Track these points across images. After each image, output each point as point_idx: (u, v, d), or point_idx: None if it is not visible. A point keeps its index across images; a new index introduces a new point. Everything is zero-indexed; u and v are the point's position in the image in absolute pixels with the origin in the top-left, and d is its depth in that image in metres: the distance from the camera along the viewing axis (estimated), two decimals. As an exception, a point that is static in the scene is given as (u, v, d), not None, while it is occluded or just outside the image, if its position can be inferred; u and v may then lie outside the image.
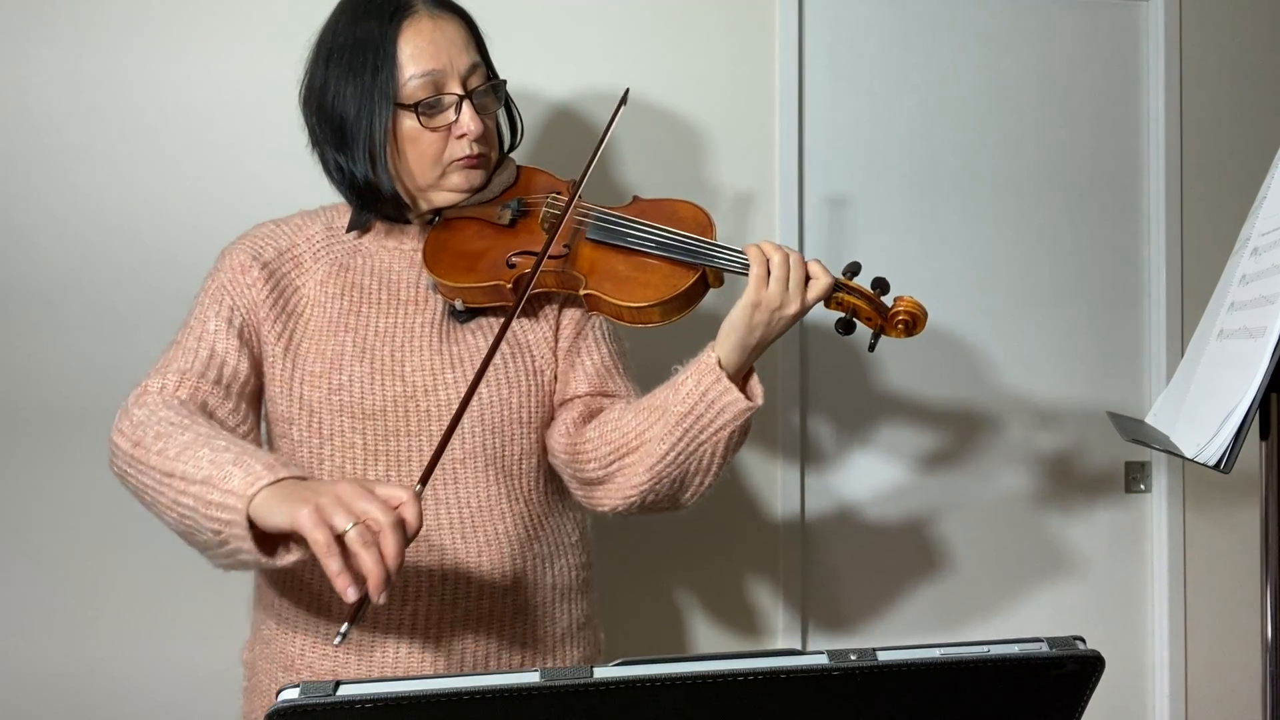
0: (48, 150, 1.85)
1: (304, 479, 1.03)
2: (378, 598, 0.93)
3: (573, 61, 2.03)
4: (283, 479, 1.01)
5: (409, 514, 0.97)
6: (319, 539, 0.93)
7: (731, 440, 1.24)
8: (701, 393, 1.21)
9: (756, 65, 2.13)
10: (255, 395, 1.29)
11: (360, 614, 0.95)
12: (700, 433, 1.22)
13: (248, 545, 1.00)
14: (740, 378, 1.24)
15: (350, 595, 0.93)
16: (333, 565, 0.93)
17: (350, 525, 0.93)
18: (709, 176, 2.11)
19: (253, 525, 1.00)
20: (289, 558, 1.02)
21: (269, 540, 1.02)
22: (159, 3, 1.88)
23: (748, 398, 1.22)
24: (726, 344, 1.22)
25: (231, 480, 1.01)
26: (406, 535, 0.96)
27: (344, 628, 0.94)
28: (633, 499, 1.28)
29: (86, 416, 1.85)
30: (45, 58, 1.85)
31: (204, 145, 1.90)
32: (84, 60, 1.86)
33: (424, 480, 1.06)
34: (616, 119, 1.34)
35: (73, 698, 1.86)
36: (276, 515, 0.97)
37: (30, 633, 1.85)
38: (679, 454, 1.23)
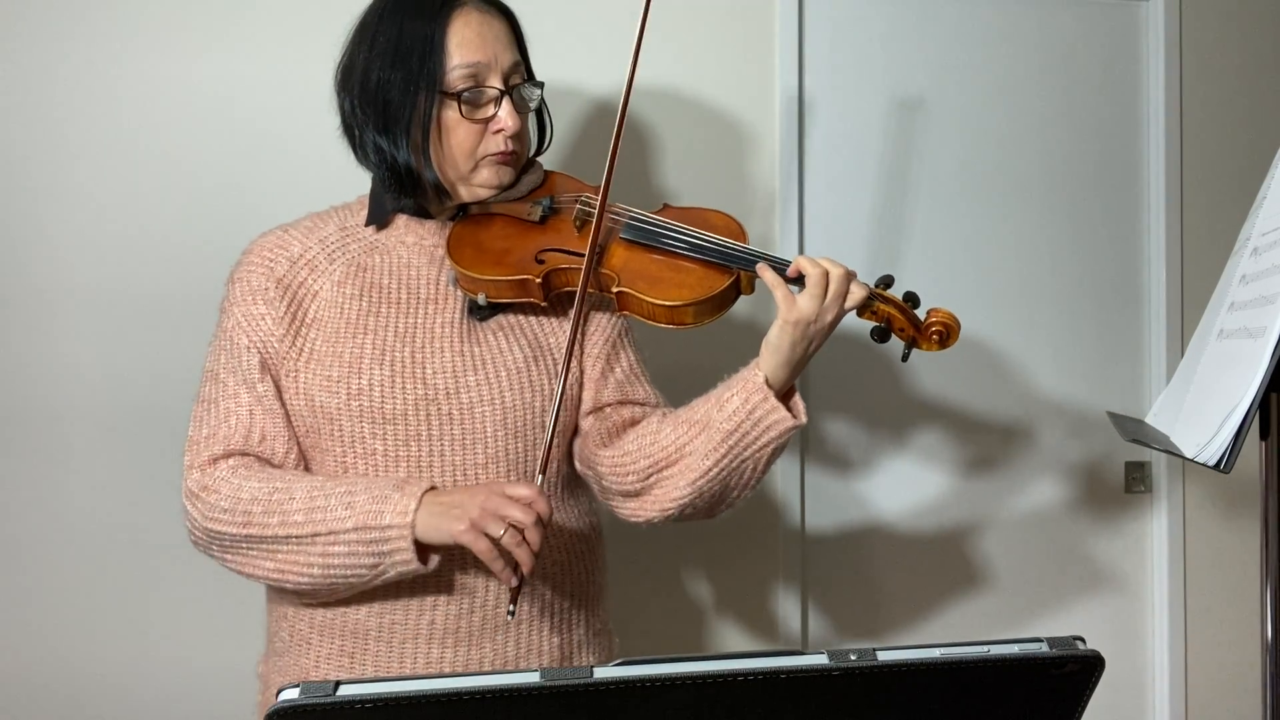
0: (51, 150, 1.85)
1: (434, 488, 1.17)
2: (529, 576, 1.16)
3: (568, 62, 2.03)
4: (421, 497, 1.15)
5: (542, 508, 1.13)
6: (483, 548, 1.11)
7: (773, 456, 1.25)
8: (749, 411, 1.21)
9: (756, 65, 2.13)
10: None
11: (519, 592, 1.16)
12: (745, 449, 1.23)
13: (412, 565, 1.15)
14: (782, 394, 1.25)
15: (514, 582, 1.13)
16: (497, 565, 1.12)
17: (503, 531, 1.11)
18: (708, 177, 2.11)
19: None
20: (436, 560, 1.17)
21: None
22: (163, 2, 1.88)
23: (792, 415, 1.23)
24: (771, 363, 1.23)
25: (384, 517, 1.14)
26: (544, 524, 1.13)
27: (512, 606, 1.15)
28: (671, 511, 1.28)
29: (93, 418, 1.85)
30: (50, 58, 1.85)
31: (209, 145, 1.90)
32: (87, 60, 1.86)
33: (543, 470, 1.22)
34: (648, 15, 1.29)
35: (85, 705, 1.86)
36: (439, 535, 1.13)
37: (39, 638, 1.85)
38: (722, 470, 1.24)
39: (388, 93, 1.25)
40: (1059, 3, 2.30)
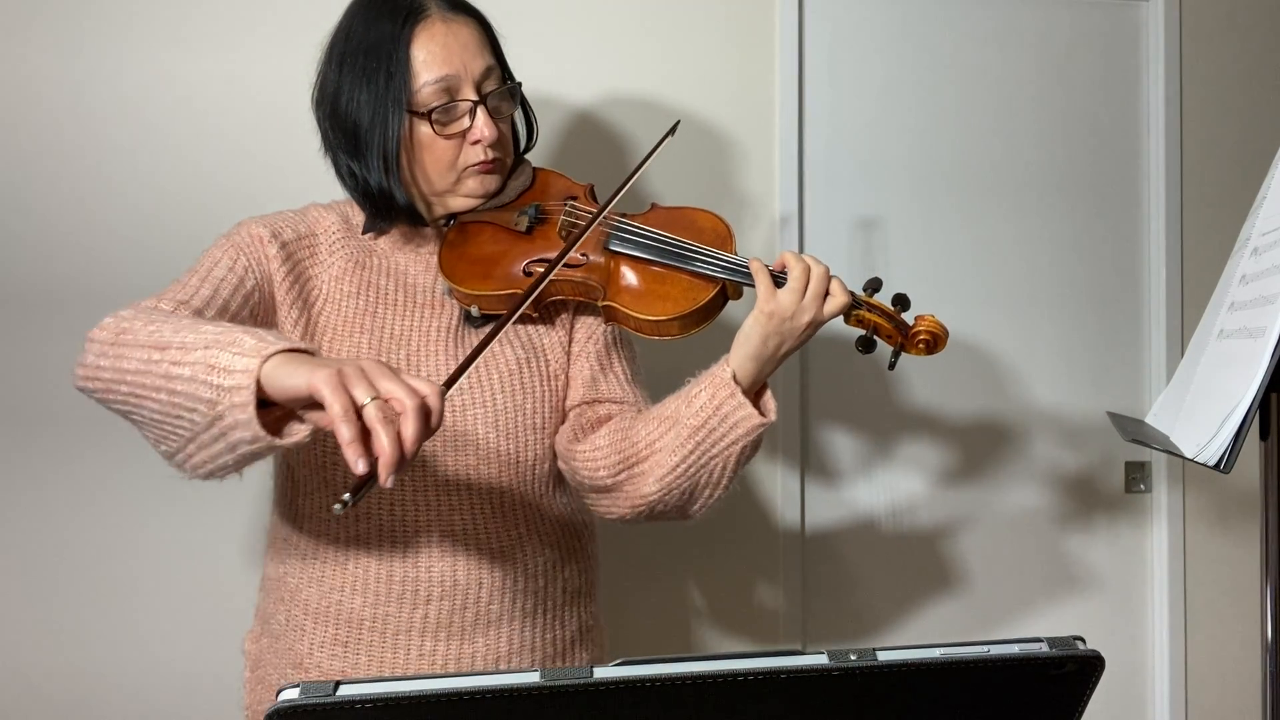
0: (51, 151, 1.85)
1: (319, 355, 0.97)
2: (385, 480, 0.88)
3: (566, 62, 2.03)
4: (297, 349, 0.95)
5: (434, 405, 0.91)
6: (336, 403, 0.87)
7: (743, 455, 1.23)
8: (715, 407, 1.20)
9: (756, 65, 2.13)
10: None
11: (363, 491, 0.89)
12: (712, 446, 1.21)
13: (247, 414, 0.92)
14: (753, 392, 1.23)
15: (359, 468, 0.88)
16: (345, 432, 0.87)
17: (370, 399, 0.89)
18: (708, 178, 2.11)
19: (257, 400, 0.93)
20: (296, 433, 0.95)
21: (270, 424, 0.95)
22: (162, 1, 1.88)
23: (761, 413, 1.21)
24: (739, 355, 1.21)
25: (242, 344, 0.94)
26: (429, 426, 0.91)
27: (346, 497, 0.88)
28: (641, 509, 1.27)
29: (90, 417, 1.85)
30: (47, 57, 1.85)
31: (207, 145, 1.90)
32: (87, 60, 1.86)
33: (449, 384, 1.00)
34: (660, 148, 1.33)
35: (70, 695, 1.86)
36: (293, 377, 0.91)
37: (39, 637, 1.85)
38: (690, 466, 1.22)
39: (357, 115, 1.23)
40: (1059, 3, 2.30)
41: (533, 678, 0.70)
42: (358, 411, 0.88)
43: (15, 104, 1.84)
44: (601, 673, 0.71)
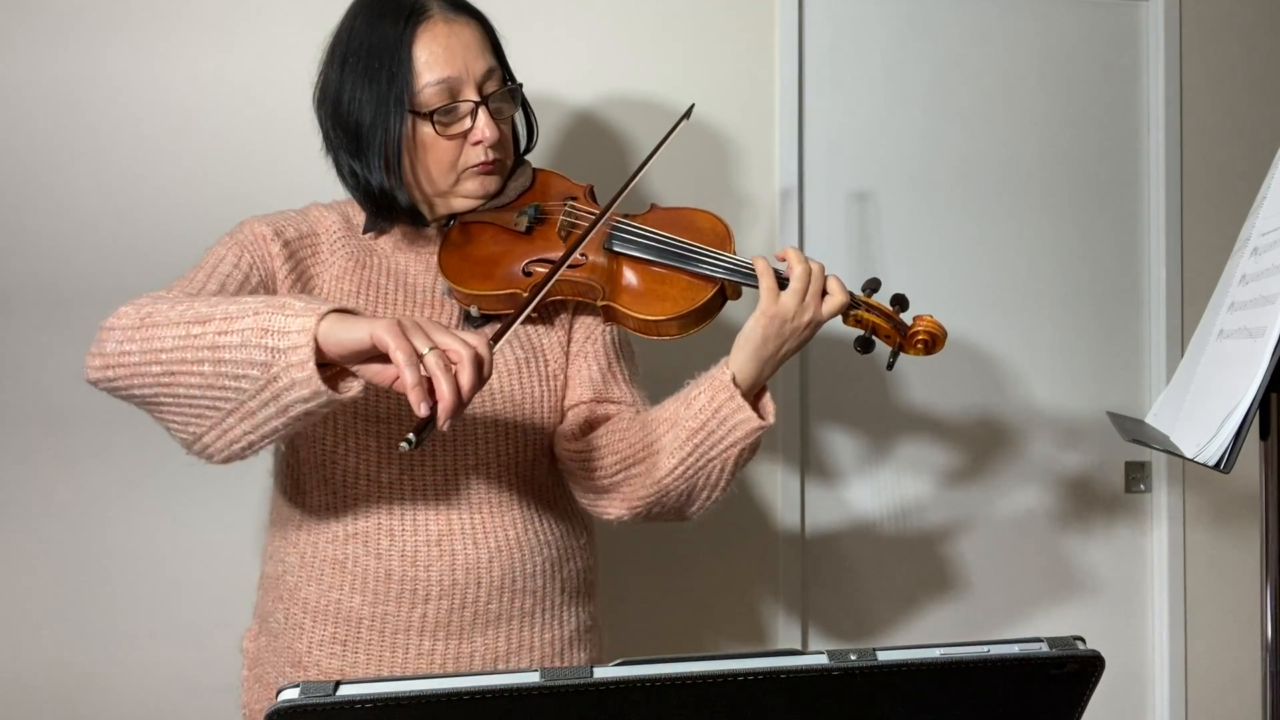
0: (52, 150, 1.85)
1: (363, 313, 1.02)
2: (444, 424, 0.94)
3: (567, 62, 2.03)
4: (344, 309, 0.99)
5: (485, 356, 0.98)
6: (401, 351, 0.93)
7: (741, 457, 1.23)
8: (714, 409, 1.20)
9: (756, 65, 2.13)
10: None
11: (425, 433, 0.95)
12: (710, 449, 1.21)
13: (306, 372, 0.96)
14: (752, 395, 1.23)
15: (423, 410, 0.94)
16: (410, 376, 0.93)
17: (429, 349, 0.95)
18: (708, 177, 2.11)
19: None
20: (352, 387, 1.00)
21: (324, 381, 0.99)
22: (160, 1, 1.88)
23: (759, 416, 1.21)
24: (740, 356, 1.21)
25: (293, 306, 0.98)
26: (482, 376, 0.97)
27: (410, 437, 0.93)
28: (638, 509, 1.27)
29: (87, 416, 1.85)
30: (43, 58, 1.85)
31: (207, 146, 1.90)
32: (83, 60, 1.86)
33: (496, 340, 1.06)
34: (676, 132, 1.34)
35: (67, 694, 1.86)
36: (354, 331, 0.95)
37: (39, 637, 1.85)
38: (688, 468, 1.22)
39: (359, 114, 1.24)
40: (1059, 3, 2.30)
41: (533, 678, 0.70)
42: (420, 359, 0.95)
43: (13, 105, 1.84)
44: (601, 673, 0.71)
